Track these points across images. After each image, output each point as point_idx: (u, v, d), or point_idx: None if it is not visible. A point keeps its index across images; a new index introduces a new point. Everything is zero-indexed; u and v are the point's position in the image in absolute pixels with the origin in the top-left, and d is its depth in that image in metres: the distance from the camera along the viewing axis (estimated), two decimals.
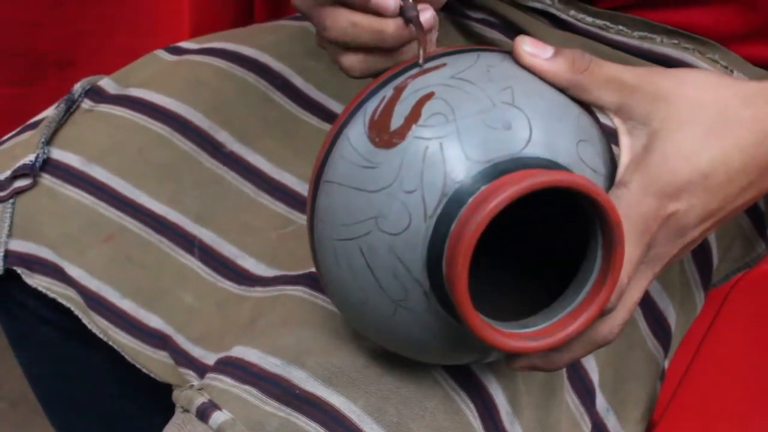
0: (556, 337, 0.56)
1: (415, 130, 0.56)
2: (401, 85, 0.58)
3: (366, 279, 0.58)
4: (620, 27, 0.83)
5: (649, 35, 0.82)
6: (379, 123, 0.57)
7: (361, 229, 0.57)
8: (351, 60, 0.62)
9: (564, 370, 0.73)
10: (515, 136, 0.56)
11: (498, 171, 0.55)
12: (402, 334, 0.60)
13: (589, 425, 0.75)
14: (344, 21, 0.60)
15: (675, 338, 0.82)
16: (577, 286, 0.56)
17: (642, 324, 0.79)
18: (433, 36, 0.62)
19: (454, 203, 0.55)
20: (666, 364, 0.82)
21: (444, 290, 0.56)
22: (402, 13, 0.59)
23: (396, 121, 0.57)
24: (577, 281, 0.57)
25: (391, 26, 0.60)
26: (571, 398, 0.74)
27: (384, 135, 0.57)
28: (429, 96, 0.57)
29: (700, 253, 0.82)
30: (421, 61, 0.59)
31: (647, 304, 0.79)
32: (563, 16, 0.84)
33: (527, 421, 0.69)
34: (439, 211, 0.55)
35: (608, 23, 0.83)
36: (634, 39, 0.82)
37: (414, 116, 0.56)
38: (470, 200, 0.54)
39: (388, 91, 0.59)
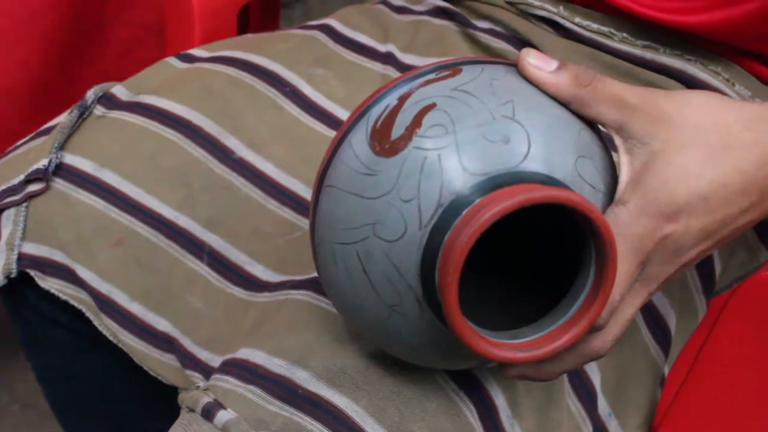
0: (545, 349, 0.56)
1: (415, 141, 0.57)
2: (405, 94, 0.59)
3: (362, 283, 0.58)
4: (624, 35, 0.83)
5: (653, 45, 0.83)
6: (381, 131, 0.58)
7: (359, 235, 0.58)
8: None
9: (565, 374, 0.74)
10: (513, 150, 0.56)
11: (494, 184, 0.55)
12: (396, 338, 0.60)
13: (591, 429, 0.76)
14: None
15: (675, 344, 0.83)
16: (569, 300, 0.57)
17: (644, 329, 0.80)
18: None
19: (449, 214, 0.55)
20: (666, 369, 0.82)
21: (436, 298, 0.56)
22: None
23: (397, 131, 0.57)
24: (569, 296, 0.57)
25: None
26: (572, 401, 0.75)
27: (385, 144, 0.58)
28: (430, 107, 0.57)
29: (702, 260, 0.83)
30: None
31: (648, 309, 0.80)
32: (568, 24, 0.84)
33: (527, 423, 0.70)
34: (434, 221, 0.56)
35: (613, 30, 0.83)
36: (637, 48, 0.83)
37: (415, 126, 0.57)
38: (465, 212, 0.55)
39: (392, 100, 0.59)
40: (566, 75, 0.60)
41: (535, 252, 0.66)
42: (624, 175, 0.60)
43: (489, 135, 0.56)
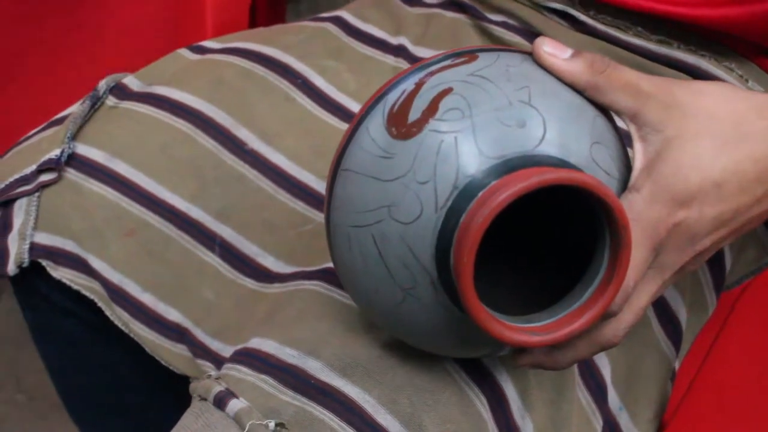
0: (559, 333, 0.57)
1: (432, 124, 0.57)
2: (421, 80, 0.60)
3: (377, 266, 0.59)
4: (639, 29, 0.83)
5: (667, 40, 0.83)
6: (397, 115, 0.59)
7: (374, 217, 0.58)
8: None
9: (575, 366, 0.74)
10: (529, 135, 0.57)
11: (509, 167, 0.56)
12: (410, 323, 0.61)
13: (601, 422, 0.76)
14: None
15: (686, 339, 0.83)
16: (584, 285, 0.57)
17: (655, 324, 0.80)
18: None
19: (464, 196, 0.56)
20: (677, 364, 0.82)
21: (451, 281, 0.57)
22: None
23: (414, 114, 0.58)
24: (583, 281, 0.57)
25: None
26: (583, 395, 0.75)
27: (401, 127, 0.58)
28: (447, 91, 0.58)
29: (713, 255, 0.83)
30: None
31: (659, 304, 0.80)
32: (583, 18, 0.84)
33: (538, 415, 0.70)
34: (449, 203, 0.56)
35: (628, 24, 0.84)
36: (651, 43, 0.83)
37: (431, 110, 0.58)
38: (480, 194, 0.55)
39: (408, 85, 0.60)
40: (581, 62, 0.61)
41: (550, 239, 0.67)
42: (638, 163, 0.61)
43: (505, 119, 0.57)
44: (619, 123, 0.63)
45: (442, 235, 0.56)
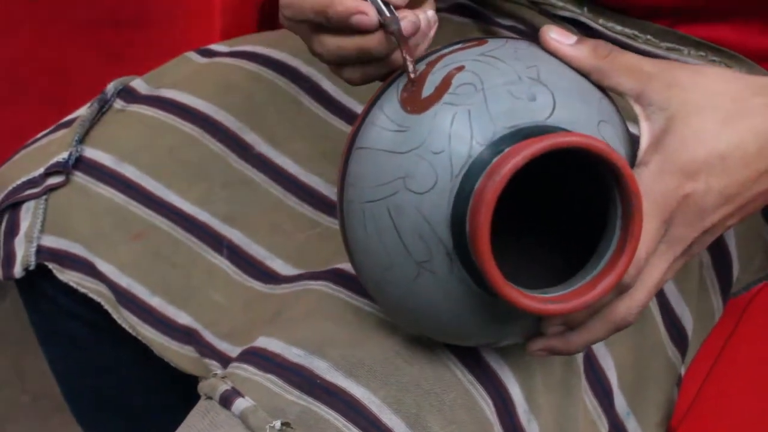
0: (574, 302, 0.57)
1: (446, 98, 0.59)
2: (433, 60, 0.62)
3: (392, 240, 0.60)
4: (648, 37, 0.84)
5: (677, 47, 0.83)
6: (412, 93, 0.60)
7: (389, 190, 0.59)
8: (349, 73, 0.65)
9: (582, 370, 0.73)
10: (539, 108, 0.59)
11: (522, 135, 0.57)
12: (423, 301, 0.61)
13: (607, 426, 0.76)
14: (332, 45, 0.63)
15: (692, 345, 0.83)
16: (598, 258, 0.58)
17: (662, 329, 0.80)
18: (431, 33, 0.64)
19: (478, 163, 0.57)
20: (682, 370, 0.82)
21: (467, 251, 0.58)
22: (383, 26, 0.62)
23: (427, 90, 0.60)
24: (597, 254, 0.58)
25: (374, 41, 0.62)
26: (588, 399, 0.74)
27: (415, 103, 0.60)
28: (459, 68, 0.60)
29: (720, 260, 0.83)
30: (411, 71, 0.61)
31: (665, 309, 0.80)
32: (593, 25, 0.85)
33: (544, 419, 0.70)
34: (464, 170, 0.58)
35: (637, 32, 0.84)
36: (661, 50, 0.83)
37: (444, 86, 0.60)
38: (495, 159, 0.56)
39: (420, 66, 0.62)
40: (585, 47, 0.63)
41: (565, 217, 0.68)
42: (644, 141, 0.62)
43: (516, 93, 0.59)
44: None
45: (457, 203, 0.58)
